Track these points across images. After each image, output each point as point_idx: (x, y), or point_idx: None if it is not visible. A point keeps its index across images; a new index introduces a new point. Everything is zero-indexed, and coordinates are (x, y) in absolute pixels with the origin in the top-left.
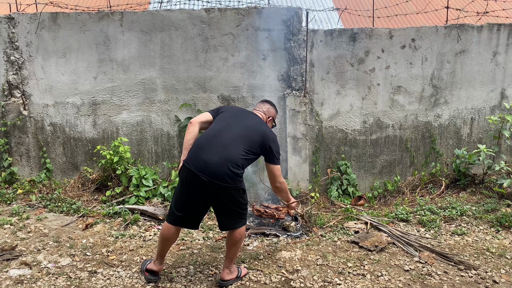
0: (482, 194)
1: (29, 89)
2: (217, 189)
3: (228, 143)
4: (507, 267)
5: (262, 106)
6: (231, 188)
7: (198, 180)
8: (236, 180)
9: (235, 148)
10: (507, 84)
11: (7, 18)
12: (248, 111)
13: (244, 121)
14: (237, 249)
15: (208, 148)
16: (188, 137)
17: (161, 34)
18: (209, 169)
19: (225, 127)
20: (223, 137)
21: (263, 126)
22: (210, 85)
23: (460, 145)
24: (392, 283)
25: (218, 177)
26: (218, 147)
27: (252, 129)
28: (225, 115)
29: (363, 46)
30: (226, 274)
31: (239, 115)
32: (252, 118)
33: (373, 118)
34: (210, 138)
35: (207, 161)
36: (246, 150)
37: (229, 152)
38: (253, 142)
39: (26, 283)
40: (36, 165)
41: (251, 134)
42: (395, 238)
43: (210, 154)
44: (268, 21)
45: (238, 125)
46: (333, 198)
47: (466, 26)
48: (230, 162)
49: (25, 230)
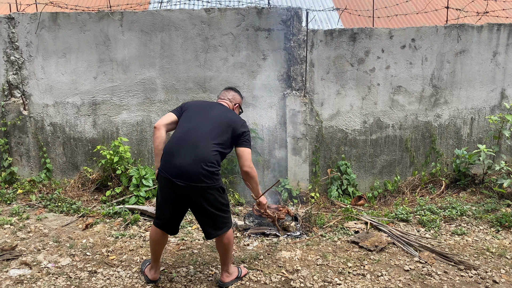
0: (482, 194)
1: (29, 89)
2: (195, 192)
3: (197, 143)
4: (507, 267)
5: (227, 94)
6: (209, 188)
7: (176, 186)
8: (213, 178)
9: (205, 146)
10: (507, 84)
11: (7, 18)
12: (212, 103)
13: (209, 115)
14: (230, 252)
15: (179, 152)
16: (157, 142)
17: (161, 34)
18: (184, 173)
19: (192, 127)
20: (192, 137)
21: (230, 114)
22: (210, 85)
23: (460, 145)
24: (392, 283)
25: (194, 179)
26: (188, 149)
27: (219, 120)
28: (189, 113)
29: (363, 46)
30: (226, 277)
31: (203, 110)
32: (217, 109)
33: (373, 118)
34: (179, 141)
35: (180, 166)
36: (217, 145)
37: (200, 152)
38: (222, 134)
39: (26, 283)
40: (36, 165)
41: (219, 126)
42: (395, 238)
43: (182, 158)
44: (268, 21)
45: (204, 121)
46: (333, 198)
47: (466, 26)
48: (203, 161)
49: (25, 230)
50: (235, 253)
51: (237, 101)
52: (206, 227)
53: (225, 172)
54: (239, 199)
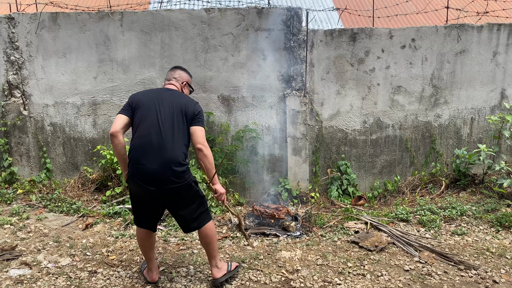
0: (482, 194)
1: (29, 89)
2: (169, 194)
3: (160, 145)
4: (507, 267)
5: (173, 73)
6: (182, 186)
7: (149, 191)
8: (184, 177)
9: (169, 145)
10: (507, 84)
11: (7, 18)
12: (159, 91)
13: (161, 109)
14: (215, 244)
15: (145, 158)
16: (118, 149)
17: (161, 34)
18: (155, 178)
19: (151, 128)
20: (153, 140)
21: (179, 99)
22: (210, 85)
23: (460, 145)
24: (392, 283)
25: (166, 182)
26: (154, 153)
27: (171, 111)
28: (141, 112)
29: (363, 46)
30: (216, 272)
31: (154, 104)
32: (166, 99)
33: (373, 118)
34: (142, 147)
35: (149, 172)
36: (179, 138)
37: (165, 154)
38: (179, 124)
39: (26, 283)
40: (36, 165)
41: (175, 117)
42: (395, 238)
43: (150, 163)
44: (268, 21)
45: (161, 117)
46: (333, 198)
47: (466, 26)
48: (171, 162)
49: (25, 230)
50: (235, 253)
51: (184, 79)
52: (186, 221)
53: (225, 172)
54: (239, 199)
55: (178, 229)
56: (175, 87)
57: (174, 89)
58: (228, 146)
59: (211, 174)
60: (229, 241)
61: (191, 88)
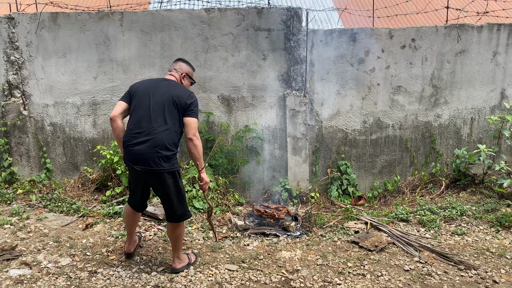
0: (482, 194)
1: (29, 89)
2: (152, 176)
3: (150, 131)
4: (507, 267)
5: (174, 65)
6: (164, 171)
7: (136, 171)
8: (168, 162)
9: (158, 130)
10: (507, 84)
11: (7, 18)
12: (157, 81)
13: (155, 98)
14: (181, 240)
15: (135, 140)
16: (116, 132)
17: (161, 34)
18: (141, 159)
19: (143, 114)
20: (144, 126)
21: (173, 89)
22: (210, 85)
23: (460, 145)
24: (392, 283)
25: (150, 164)
26: (143, 136)
27: (164, 101)
28: (137, 100)
29: (363, 46)
30: (178, 263)
31: (149, 93)
32: (161, 89)
33: (373, 118)
34: (133, 131)
35: (137, 153)
36: (168, 125)
37: (154, 139)
38: (171, 114)
39: (26, 283)
40: (36, 165)
41: (166, 107)
42: (395, 238)
43: (138, 145)
44: (268, 21)
45: (153, 105)
46: (333, 198)
47: (466, 26)
48: (157, 146)
49: (25, 230)
50: (235, 253)
51: (184, 71)
52: (166, 211)
53: (225, 172)
54: (239, 199)
55: None
56: (173, 77)
57: (172, 79)
58: (228, 146)
59: (200, 163)
60: (229, 241)
61: (192, 80)
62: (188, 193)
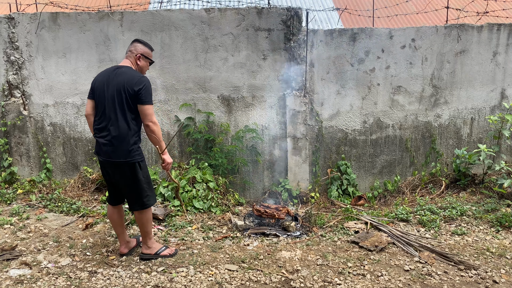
0: (482, 194)
1: (29, 89)
2: (112, 167)
3: (108, 123)
4: (507, 267)
5: (129, 47)
6: (124, 163)
7: (100, 162)
8: (127, 155)
9: (114, 124)
10: (507, 84)
11: (7, 18)
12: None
13: (109, 90)
14: (147, 228)
15: (99, 134)
16: (91, 128)
17: (161, 34)
18: (103, 150)
19: (101, 109)
20: (103, 119)
21: (122, 77)
22: (210, 85)
23: (460, 145)
24: (392, 283)
25: (110, 155)
26: (104, 131)
27: (115, 91)
28: (97, 95)
29: (363, 46)
30: (145, 248)
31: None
32: (111, 78)
33: (373, 118)
34: (97, 125)
35: (99, 145)
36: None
37: (111, 131)
38: (120, 102)
39: (26, 283)
40: (36, 165)
41: (117, 97)
42: (395, 238)
43: (101, 138)
44: (268, 21)
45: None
46: (333, 198)
47: (466, 26)
48: (117, 139)
49: (25, 230)
50: (235, 253)
51: (139, 51)
52: (128, 202)
53: (225, 172)
54: (239, 199)
55: (178, 229)
56: (128, 61)
57: (124, 65)
58: (228, 146)
59: (160, 145)
60: (229, 241)
61: (150, 60)
62: (188, 193)
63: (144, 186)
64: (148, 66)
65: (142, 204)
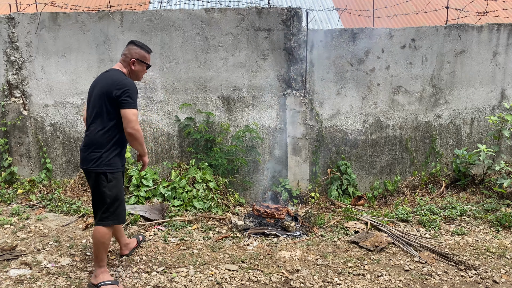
0: (482, 194)
1: (29, 89)
2: (86, 174)
3: (88, 129)
4: (507, 267)
5: (124, 50)
6: (92, 170)
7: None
8: (98, 163)
9: (91, 131)
10: (507, 84)
11: (7, 18)
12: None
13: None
14: (98, 251)
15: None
16: None
17: (161, 34)
18: (81, 155)
19: (88, 115)
20: (87, 126)
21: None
22: (210, 85)
23: (460, 145)
24: (392, 283)
25: (83, 162)
26: (86, 137)
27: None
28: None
29: (363, 46)
30: (92, 278)
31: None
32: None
33: (373, 118)
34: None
35: (80, 149)
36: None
37: (90, 138)
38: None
39: (26, 283)
40: (36, 165)
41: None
42: (395, 238)
43: (82, 145)
44: (268, 21)
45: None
46: (333, 198)
47: (466, 26)
48: (92, 146)
49: (25, 230)
50: (235, 253)
51: (134, 56)
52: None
53: (225, 172)
54: (239, 199)
55: (178, 229)
56: (119, 64)
57: (113, 68)
58: (228, 146)
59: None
60: (229, 241)
61: (146, 64)
62: (188, 193)
63: (106, 201)
64: (145, 70)
65: (100, 218)
